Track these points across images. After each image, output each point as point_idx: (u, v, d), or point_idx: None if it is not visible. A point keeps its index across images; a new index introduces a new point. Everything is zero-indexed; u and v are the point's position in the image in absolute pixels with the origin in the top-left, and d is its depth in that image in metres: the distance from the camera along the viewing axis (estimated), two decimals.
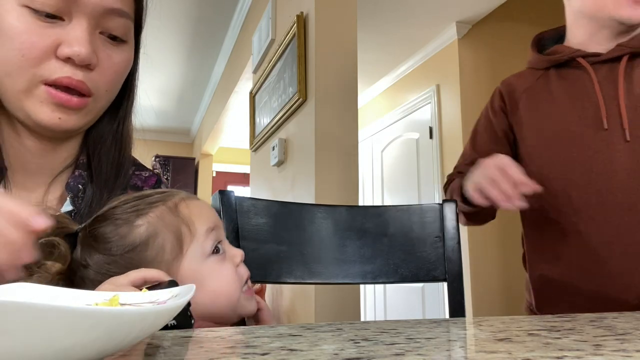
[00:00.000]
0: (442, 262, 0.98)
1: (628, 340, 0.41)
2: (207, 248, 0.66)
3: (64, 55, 0.58)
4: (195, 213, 0.67)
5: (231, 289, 0.67)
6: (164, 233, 0.64)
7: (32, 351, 0.27)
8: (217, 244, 0.67)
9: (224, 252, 0.68)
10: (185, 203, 0.68)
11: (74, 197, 0.65)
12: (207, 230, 0.66)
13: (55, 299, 0.41)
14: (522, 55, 3.94)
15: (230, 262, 0.68)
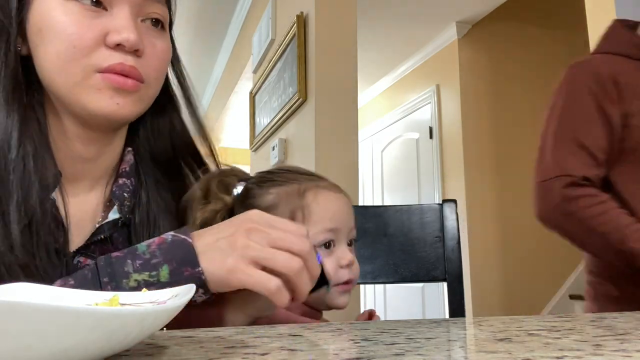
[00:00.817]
0: (442, 262, 0.98)
1: (628, 340, 0.41)
2: (317, 240, 0.71)
3: (113, 42, 0.59)
4: (319, 205, 0.73)
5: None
6: (282, 208, 0.72)
7: (32, 351, 0.27)
8: (330, 242, 0.72)
9: (333, 251, 0.72)
10: (315, 192, 0.74)
11: (121, 205, 0.65)
12: (323, 229, 0.71)
13: (55, 299, 0.41)
14: (522, 55, 3.95)
15: (334, 261, 0.72)
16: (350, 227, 0.76)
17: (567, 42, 3.64)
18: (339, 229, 0.74)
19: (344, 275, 0.73)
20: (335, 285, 0.72)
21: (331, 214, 0.74)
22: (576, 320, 0.53)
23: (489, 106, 3.50)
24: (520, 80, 3.57)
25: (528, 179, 3.91)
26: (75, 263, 0.61)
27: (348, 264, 0.73)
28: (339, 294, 0.73)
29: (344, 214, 0.76)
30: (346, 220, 0.75)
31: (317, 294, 0.66)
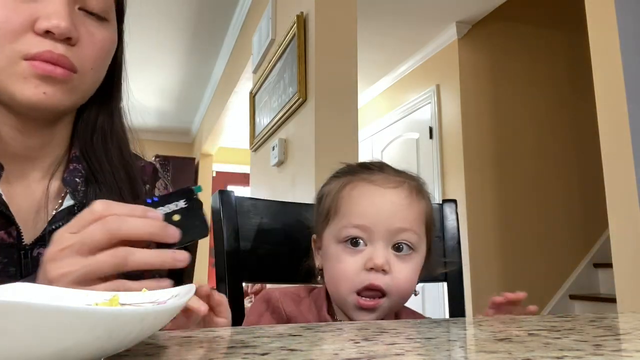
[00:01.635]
0: (442, 261, 0.98)
1: (628, 340, 0.41)
2: (341, 235, 0.69)
3: (42, 28, 0.55)
4: (350, 201, 0.71)
5: (339, 281, 0.69)
6: (326, 200, 0.75)
7: (32, 351, 0.27)
8: (359, 239, 0.69)
9: (361, 250, 0.68)
10: (354, 185, 0.72)
11: (74, 191, 0.63)
12: (348, 224, 0.69)
13: (55, 299, 0.41)
14: (522, 55, 3.95)
15: (360, 261, 0.68)
16: (392, 227, 0.68)
17: (567, 42, 3.64)
18: (369, 227, 0.68)
19: (365, 279, 0.67)
20: (354, 291, 0.67)
21: (362, 209, 0.69)
22: (576, 320, 0.53)
23: (489, 106, 3.50)
24: (520, 80, 3.57)
25: (528, 178, 3.92)
26: (35, 255, 0.59)
27: (373, 267, 0.67)
28: (354, 308, 0.68)
29: (383, 212, 0.69)
30: (383, 219, 0.68)
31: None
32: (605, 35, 1.77)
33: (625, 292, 1.67)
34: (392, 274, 0.68)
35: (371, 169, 0.75)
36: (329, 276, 0.72)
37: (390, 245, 0.69)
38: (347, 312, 0.70)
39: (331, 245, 0.72)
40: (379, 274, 0.67)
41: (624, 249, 1.68)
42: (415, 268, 0.71)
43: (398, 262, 0.69)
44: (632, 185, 1.65)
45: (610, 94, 1.75)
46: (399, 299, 0.70)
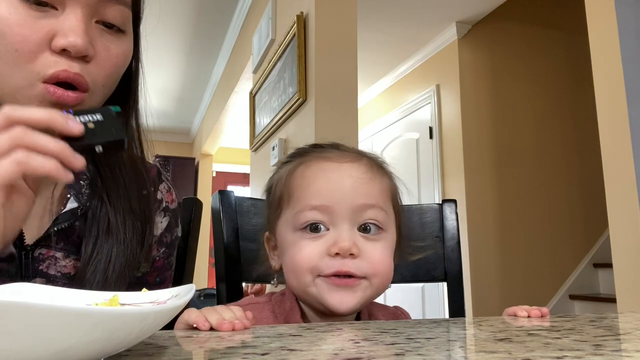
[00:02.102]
0: (442, 262, 0.98)
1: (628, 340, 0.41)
2: (299, 221, 0.61)
3: (59, 47, 0.54)
4: (304, 181, 0.63)
5: (301, 269, 0.60)
6: (277, 187, 0.67)
7: (32, 351, 0.27)
8: (319, 224, 0.60)
9: (322, 235, 0.60)
10: (307, 165, 0.64)
11: (77, 193, 0.63)
12: (304, 207, 0.61)
13: (55, 299, 0.41)
14: (522, 55, 3.95)
15: (322, 247, 0.60)
16: (355, 205, 0.60)
17: (567, 42, 3.64)
18: (329, 207, 0.60)
19: (330, 266, 0.59)
20: (318, 276, 0.60)
21: (318, 188, 0.61)
22: (576, 320, 0.53)
23: (489, 106, 3.50)
24: (520, 80, 3.57)
25: (528, 178, 3.92)
26: (36, 255, 0.59)
27: (339, 251, 0.59)
28: (328, 290, 0.59)
29: (343, 189, 0.61)
30: (345, 196, 0.60)
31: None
32: (605, 35, 1.77)
33: (625, 292, 1.67)
34: (363, 256, 0.60)
35: (324, 147, 0.68)
36: (288, 270, 0.63)
37: (356, 226, 0.61)
38: (315, 303, 0.62)
39: (287, 235, 0.63)
40: (347, 259, 0.59)
41: (624, 249, 1.68)
42: (388, 249, 0.64)
43: (367, 243, 0.61)
44: (632, 185, 1.65)
45: (610, 94, 1.75)
46: (380, 281, 0.62)
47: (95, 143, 0.47)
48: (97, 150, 0.48)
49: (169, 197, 0.75)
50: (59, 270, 0.61)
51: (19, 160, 0.44)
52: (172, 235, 0.75)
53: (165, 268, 0.74)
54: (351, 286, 0.59)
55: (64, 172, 0.45)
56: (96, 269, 0.60)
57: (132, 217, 0.64)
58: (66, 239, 0.61)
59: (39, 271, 0.59)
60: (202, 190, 6.11)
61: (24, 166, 0.44)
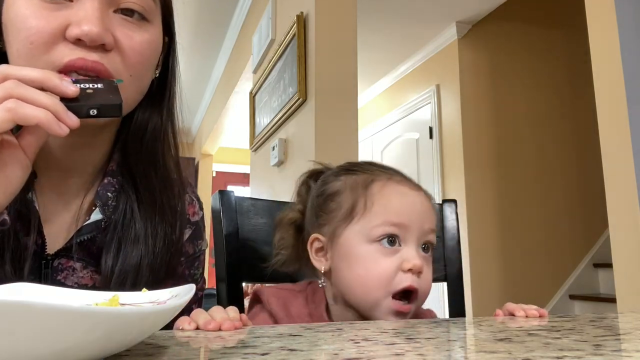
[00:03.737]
0: (442, 262, 0.98)
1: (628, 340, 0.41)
2: (375, 234, 0.66)
3: (72, 36, 0.53)
4: (384, 196, 0.68)
5: (373, 285, 0.64)
6: (346, 195, 0.70)
7: (32, 351, 0.27)
8: (396, 239, 0.66)
9: (397, 250, 0.65)
10: (384, 183, 0.70)
11: (103, 205, 0.61)
12: (385, 222, 0.66)
13: (55, 299, 0.41)
14: (522, 55, 3.95)
15: (396, 262, 0.65)
16: (424, 228, 0.67)
17: (567, 42, 3.64)
18: (406, 225, 0.66)
19: (403, 281, 0.64)
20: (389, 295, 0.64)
21: (397, 208, 0.67)
22: (576, 320, 0.53)
23: (489, 106, 3.50)
24: (520, 80, 3.57)
25: (528, 178, 3.92)
26: (55, 265, 0.59)
27: (412, 268, 0.64)
28: (389, 311, 0.64)
29: (416, 211, 0.68)
30: (418, 218, 0.67)
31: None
32: (605, 35, 1.77)
33: (625, 292, 1.67)
34: (423, 275, 0.66)
35: (388, 169, 0.74)
36: (353, 279, 0.67)
37: (420, 246, 0.67)
38: (375, 317, 0.66)
39: (359, 245, 0.67)
40: (415, 276, 0.65)
41: (624, 249, 1.68)
42: (432, 271, 0.70)
43: (426, 263, 0.67)
44: (632, 185, 1.65)
45: (610, 94, 1.75)
46: (421, 303, 0.68)
47: (89, 105, 0.48)
48: (91, 113, 0.48)
49: (190, 209, 0.73)
50: (76, 282, 0.60)
51: (9, 107, 0.44)
52: (195, 247, 0.73)
53: (184, 279, 0.71)
54: (405, 315, 0.65)
55: (56, 124, 0.45)
56: (124, 279, 0.59)
57: (163, 227, 0.63)
58: (86, 250, 0.61)
59: (56, 281, 0.59)
60: (202, 190, 6.11)
61: (13, 112, 0.44)
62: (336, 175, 0.74)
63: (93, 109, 0.48)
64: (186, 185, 0.72)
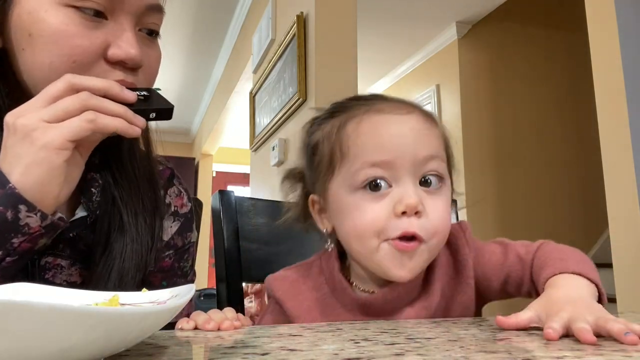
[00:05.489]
0: None
1: None
2: (357, 180, 0.57)
3: (116, 58, 0.55)
4: (359, 137, 0.58)
5: (367, 233, 0.57)
6: (324, 146, 0.62)
7: (32, 351, 0.27)
8: (381, 181, 0.56)
9: (386, 193, 0.56)
10: (360, 120, 0.59)
11: (88, 201, 0.62)
12: (364, 164, 0.57)
13: (55, 299, 0.41)
14: (522, 55, 3.95)
15: (387, 207, 0.56)
16: (417, 158, 0.57)
17: (567, 42, 3.64)
18: (391, 161, 0.56)
19: (398, 227, 0.55)
20: (385, 240, 0.56)
21: (375, 144, 0.57)
22: None
23: (488, 106, 3.50)
24: (520, 80, 3.57)
25: (528, 178, 3.91)
26: (42, 264, 0.58)
27: (405, 210, 0.55)
28: (392, 252, 0.56)
29: (403, 140, 0.57)
30: (407, 148, 0.56)
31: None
32: (605, 35, 1.77)
33: (625, 292, 1.67)
34: (427, 214, 0.56)
35: (371, 99, 0.63)
36: (350, 235, 0.59)
37: (418, 180, 0.57)
38: (378, 270, 0.59)
39: (345, 196, 0.59)
40: (412, 218, 0.55)
41: (624, 249, 1.68)
42: (448, 204, 0.60)
43: (430, 199, 0.57)
44: (632, 185, 1.65)
45: (610, 94, 1.75)
46: (438, 242, 0.59)
47: (148, 109, 0.54)
48: (150, 117, 0.55)
49: (178, 201, 0.73)
50: (65, 279, 0.60)
51: (90, 118, 0.49)
52: (185, 239, 0.73)
53: (173, 272, 0.72)
54: (411, 253, 0.56)
55: (130, 128, 0.51)
56: (111, 267, 0.59)
57: (143, 214, 0.64)
58: (73, 247, 0.60)
59: (45, 280, 0.59)
60: (202, 190, 6.11)
61: (94, 124, 0.50)
62: (319, 124, 0.64)
63: (152, 112, 0.55)
64: (166, 178, 0.73)
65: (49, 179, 0.49)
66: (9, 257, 0.49)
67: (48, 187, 0.49)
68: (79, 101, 0.49)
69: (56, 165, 0.49)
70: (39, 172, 0.48)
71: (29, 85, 0.57)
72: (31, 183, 0.48)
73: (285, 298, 0.64)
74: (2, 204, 0.48)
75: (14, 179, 0.48)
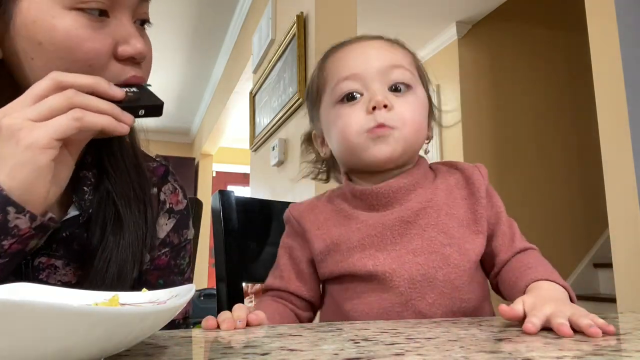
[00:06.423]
0: None
1: (628, 340, 0.41)
2: (336, 95, 0.69)
3: (126, 55, 0.56)
4: (334, 63, 0.71)
5: (349, 131, 0.67)
6: (312, 84, 0.76)
7: (32, 351, 0.27)
8: (354, 93, 0.68)
9: (359, 100, 0.67)
10: (335, 54, 0.73)
11: (80, 200, 0.61)
12: (339, 80, 0.69)
13: (55, 299, 0.41)
14: (522, 55, 3.95)
15: (361, 109, 0.67)
16: (383, 67, 0.68)
17: (567, 42, 3.64)
18: (360, 74, 0.68)
19: (371, 120, 0.66)
20: (365, 132, 0.66)
21: (346, 62, 0.69)
22: None
23: (489, 106, 3.50)
24: (520, 80, 3.57)
25: (528, 178, 3.91)
26: (36, 264, 0.58)
27: (375, 105, 0.66)
28: (371, 141, 0.66)
29: (369, 55, 0.69)
30: (373, 62, 0.68)
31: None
32: (605, 35, 1.77)
33: (625, 292, 1.67)
34: (395, 109, 0.66)
35: (348, 40, 0.75)
36: (335, 140, 0.71)
37: (387, 87, 0.68)
38: (366, 163, 0.68)
39: (329, 112, 0.71)
40: (383, 111, 0.66)
41: (624, 249, 1.68)
42: (418, 104, 0.70)
43: (397, 100, 0.68)
44: (632, 186, 1.65)
45: (610, 94, 1.75)
46: (409, 131, 0.68)
47: (137, 106, 0.54)
48: (139, 113, 0.54)
49: (173, 198, 0.72)
50: (59, 279, 0.60)
51: (77, 116, 0.49)
52: (181, 237, 0.72)
53: (170, 270, 0.71)
54: (385, 136, 0.66)
55: (118, 125, 0.51)
56: (109, 259, 0.59)
57: (136, 204, 0.64)
58: (66, 247, 0.60)
59: (39, 280, 0.58)
60: (202, 190, 6.11)
61: (81, 122, 0.49)
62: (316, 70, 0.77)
63: (141, 109, 0.54)
64: (161, 175, 0.72)
65: (36, 179, 0.48)
66: (0, 259, 0.49)
67: (35, 187, 0.48)
68: (65, 99, 0.49)
69: (43, 164, 0.48)
70: (25, 172, 0.48)
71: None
72: (18, 184, 0.48)
73: (303, 215, 0.73)
74: None
75: (0, 179, 0.48)
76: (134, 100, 0.54)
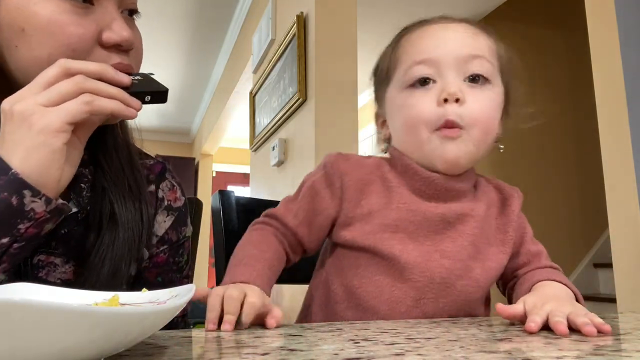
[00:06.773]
0: None
1: (628, 341, 0.41)
2: (408, 78, 0.64)
3: (111, 41, 0.56)
4: (409, 43, 0.67)
5: (416, 124, 0.63)
6: (382, 62, 0.73)
7: (32, 351, 0.27)
8: (428, 78, 0.63)
9: (432, 87, 0.62)
10: (411, 34, 0.69)
11: (77, 197, 0.61)
12: (412, 63, 0.64)
13: (55, 299, 0.40)
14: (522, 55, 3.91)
15: (432, 98, 0.62)
16: (461, 55, 0.63)
17: (567, 42, 3.64)
18: (435, 59, 0.63)
19: (442, 114, 0.61)
20: (435, 130, 0.62)
21: (422, 46, 0.65)
22: None
23: None
24: (519, 80, 3.56)
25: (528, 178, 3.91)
26: (35, 262, 0.58)
27: (447, 97, 0.61)
28: (439, 141, 0.62)
29: (447, 41, 0.64)
30: (451, 47, 0.63)
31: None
32: (605, 35, 1.77)
33: (625, 292, 1.67)
34: (467, 104, 0.62)
35: (430, 19, 0.70)
36: (403, 130, 0.66)
37: (463, 77, 0.63)
38: (427, 161, 0.65)
39: (397, 96, 0.67)
40: (454, 106, 0.61)
41: (624, 249, 1.68)
42: (493, 99, 0.66)
43: (472, 92, 0.63)
44: (632, 185, 1.65)
45: (610, 94, 1.75)
46: (479, 133, 0.64)
47: (143, 92, 0.55)
48: (145, 99, 0.55)
49: (171, 195, 0.72)
50: (58, 277, 0.59)
51: (87, 100, 0.50)
52: (179, 234, 0.72)
53: (169, 267, 0.71)
54: (454, 138, 0.62)
55: (126, 109, 0.52)
56: (104, 255, 0.59)
57: (131, 199, 0.64)
58: (65, 244, 0.60)
59: (38, 278, 0.58)
60: (202, 190, 6.11)
61: (91, 105, 0.50)
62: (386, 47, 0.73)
63: (147, 95, 0.55)
64: (158, 172, 0.72)
65: (50, 162, 0.49)
66: (16, 243, 0.49)
67: (50, 170, 0.49)
68: (75, 84, 0.50)
69: (56, 148, 0.49)
70: (39, 156, 0.48)
71: (22, 82, 0.55)
72: (32, 167, 0.48)
73: (348, 172, 0.68)
74: (5, 190, 0.47)
75: (14, 164, 0.48)
76: (140, 87, 0.55)
